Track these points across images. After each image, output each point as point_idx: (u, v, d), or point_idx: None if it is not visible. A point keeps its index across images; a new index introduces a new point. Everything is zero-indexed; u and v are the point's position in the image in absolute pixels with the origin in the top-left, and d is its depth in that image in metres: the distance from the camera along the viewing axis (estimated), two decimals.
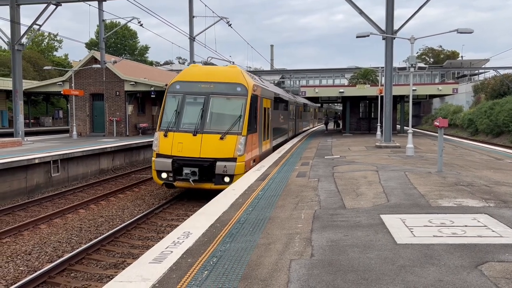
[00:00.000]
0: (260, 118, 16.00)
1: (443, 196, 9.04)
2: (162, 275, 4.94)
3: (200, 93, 14.26)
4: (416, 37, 18.49)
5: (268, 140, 18.33)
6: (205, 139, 13.52)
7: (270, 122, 18.69)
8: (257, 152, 15.67)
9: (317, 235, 6.41)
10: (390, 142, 21.37)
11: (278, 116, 22.06)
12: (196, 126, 13.74)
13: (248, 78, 15.09)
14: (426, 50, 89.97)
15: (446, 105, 58.38)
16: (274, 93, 20.28)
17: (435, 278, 4.74)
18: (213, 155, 13.37)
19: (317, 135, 34.10)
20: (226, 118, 14.11)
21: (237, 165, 13.35)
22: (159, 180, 13.95)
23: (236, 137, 13.57)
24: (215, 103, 14.17)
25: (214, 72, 14.94)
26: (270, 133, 19.06)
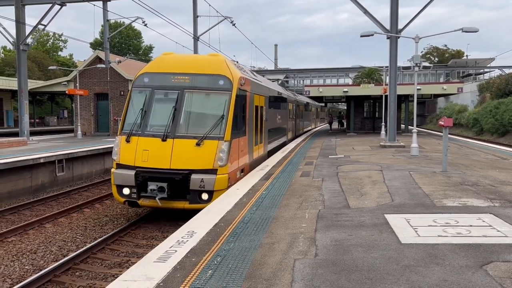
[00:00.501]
0: (251, 118, 13.45)
1: (448, 196, 9.01)
2: (167, 274, 4.95)
3: (172, 87, 11.56)
4: (420, 36, 18.42)
5: (261, 145, 15.71)
6: (178, 145, 10.87)
7: (264, 123, 16.14)
8: (246, 160, 13.00)
9: (321, 234, 6.41)
10: (394, 141, 21.31)
11: (274, 116, 19.36)
12: (167, 129, 11.03)
13: (234, 69, 12.36)
14: (431, 49, 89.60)
15: (451, 105, 58.13)
16: (269, 89, 17.68)
17: (440, 278, 4.72)
18: (187, 165, 10.67)
19: (321, 135, 34.06)
20: (204, 118, 11.40)
21: (218, 179, 10.66)
22: (120, 198, 11.22)
23: (216, 142, 10.86)
24: (191, 99, 11.48)
25: (191, 62, 12.27)
26: (264, 136, 16.43)
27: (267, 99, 16.85)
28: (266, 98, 16.60)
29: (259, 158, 15.42)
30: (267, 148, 17.22)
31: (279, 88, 23.17)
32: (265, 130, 16.46)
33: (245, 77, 12.81)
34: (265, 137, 16.59)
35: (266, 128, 16.83)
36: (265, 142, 16.70)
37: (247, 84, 12.89)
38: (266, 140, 16.86)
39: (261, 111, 15.39)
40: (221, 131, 11.08)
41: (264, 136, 16.32)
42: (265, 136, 16.66)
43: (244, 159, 12.81)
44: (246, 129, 12.77)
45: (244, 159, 12.72)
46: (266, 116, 16.74)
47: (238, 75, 12.08)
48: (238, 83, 11.78)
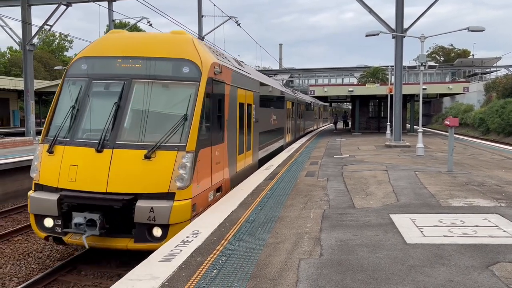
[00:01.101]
0: (232, 119, 10.43)
1: (454, 196, 8.97)
2: (172, 273, 4.97)
3: (116, 77, 8.41)
4: (426, 36, 18.34)
5: (249, 152, 12.63)
6: (118, 158, 7.67)
7: (253, 125, 13.11)
8: (224, 175, 9.87)
9: (326, 234, 6.40)
10: (400, 141, 21.24)
11: (268, 117, 16.35)
12: (104, 134, 7.89)
13: (206, 52, 9.03)
14: (437, 48, 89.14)
15: (456, 104, 57.81)
16: (260, 83, 14.50)
17: (446, 278, 4.70)
18: (132, 188, 7.50)
19: (326, 135, 34.00)
20: (159, 120, 8.18)
21: (176, 207, 7.43)
22: (40, 232, 8.10)
23: (175, 154, 7.64)
24: (141, 93, 8.29)
25: (146, 42, 8.97)
26: (254, 142, 13.30)
27: (257, 95, 13.81)
28: (256, 95, 13.55)
29: (246, 169, 12.23)
30: (257, 156, 14.09)
31: (274, 84, 19.72)
32: (254, 134, 13.31)
33: (223, 64, 9.65)
34: (254, 143, 13.39)
35: (256, 131, 13.70)
36: (255, 149, 13.56)
37: (226, 74, 9.85)
38: (256, 146, 13.68)
39: (248, 110, 12.38)
40: (183, 138, 7.80)
41: (253, 141, 13.14)
42: (255, 141, 13.51)
43: (221, 173, 9.62)
44: (224, 134, 9.69)
45: (220, 174, 9.55)
46: (257, 116, 13.69)
47: (211, 60, 8.82)
48: (211, 71, 8.64)
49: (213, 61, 8.97)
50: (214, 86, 8.91)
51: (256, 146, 13.82)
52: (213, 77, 8.83)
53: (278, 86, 20.90)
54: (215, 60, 9.19)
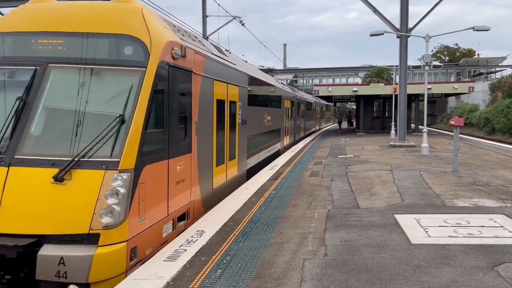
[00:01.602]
0: (206, 120, 8.14)
1: (459, 196, 8.93)
2: (176, 273, 4.98)
3: (26, 61, 6.05)
4: (431, 35, 18.29)
5: (232, 162, 10.28)
6: (16, 181, 5.36)
7: (239, 128, 10.84)
8: (193, 196, 7.48)
9: (331, 234, 6.39)
10: (404, 141, 21.17)
11: (260, 117, 14.11)
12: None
13: (161, 28, 6.55)
14: (442, 48, 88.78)
15: (461, 104, 57.54)
16: (248, 76, 11.97)
17: (451, 278, 4.69)
18: (33, 227, 5.17)
19: (330, 135, 33.96)
20: (82, 123, 5.70)
21: (100, 256, 5.08)
22: None
23: (101, 174, 5.32)
24: (59, 84, 5.99)
25: (75, 13, 6.34)
26: (240, 147, 11.04)
27: (245, 92, 11.51)
28: (244, 91, 11.29)
29: (229, 184, 9.91)
30: (245, 166, 11.70)
31: (269, 79, 17.14)
32: (241, 139, 10.99)
33: (189, 47, 7.17)
34: (241, 149, 11.05)
35: (244, 135, 11.38)
36: (241, 157, 11.16)
37: (196, 60, 7.43)
38: (243, 153, 11.35)
39: (232, 109, 10.06)
40: (115, 150, 5.43)
41: (239, 147, 10.81)
42: (242, 148, 11.17)
43: (187, 194, 7.16)
44: (192, 141, 7.29)
45: (185, 196, 7.09)
46: (244, 116, 11.42)
47: (166, 38, 6.37)
48: (166, 54, 6.25)
49: (170, 40, 6.34)
50: (172, 74, 6.37)
51: (244, 153, 11.43)
52: (171, 63, 6.30)
53: (274, 82, 18.39)
54: (174, 38, 6.56)
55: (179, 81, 6.76)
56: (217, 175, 8.93)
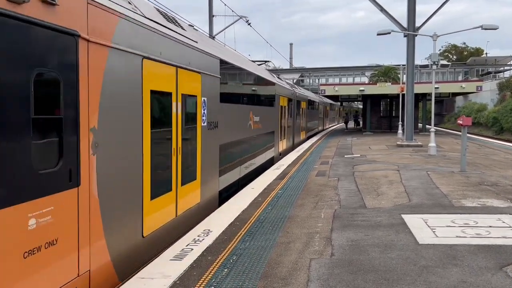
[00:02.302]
0: (118, 125, 5.14)
1: (467, 196, 8.87)
2: (183, 272, 4.99)
3: None
4: (438, 34, 18.18)
5: (191, 185, 7.50)
6: None
7: (203, 134, 8.01)
8: (83, 264, 4.37)
9: (337, 234, 6.38)
10: (411, 141, 21.07)
11: (242, 118, 11.23)
12: None
13: None
14: (449, 47, 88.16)
15: (469, 103, 57.12)
16: (222, 62, 9.18)
17: (458, 279, 4.66)
18: None
19: (337, 134, 33.87)
20: None
21: None
22: None
23: None
24: None
25: None
26: (205, 162, 8.12)
27: (215, 82, 8.64)
28: (212, 81, 8.38)
29: (182, 220, 7.05)
30: (215, 186, 8.83)
31: (257, 70, 13.95)
32: (205, 150, 8.03)
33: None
34: (205, 165, 8.10)
35: (212, 145, 8.54)
36: (208, 176, 8.29)
37: (91, 17, 4.50)
38: (211, 169, 8.47)
39: (187, 107, 7.23)
40: None
41: (202, 162, 7.95)
42: (208, 163, 8.24)
43: (67, 265, 4.19)
44: (81, 164, 4.41)
45: (63, 269, 4.12)
46: (214, 117, 8.57)
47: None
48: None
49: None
50: (11, 35, 3.48)
51: (212, 169, 8.55)
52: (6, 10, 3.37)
53: (266, 75, 15.32)
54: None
55: (35, 50, 3.76)
56: (153, 213, 5.90)
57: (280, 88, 17.19)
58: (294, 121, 21.68)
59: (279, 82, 18.01)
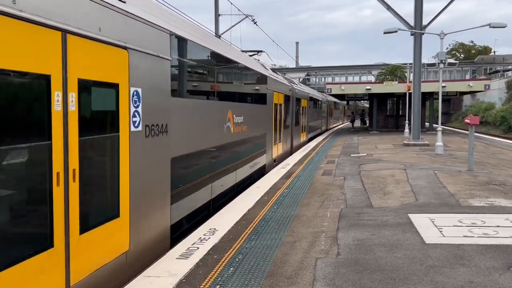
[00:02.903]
0: None
1: (474, 196, 8.81)
2: (189, 270, 5.01)
3: None
4: (446, 33, 18.06)
5: (109, 226, 4.87)
6: None
7: (134, 146, 5.37)
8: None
9: (343, 233, 6.36)
10: (418, 140, 20.96)
11: (216, 119, 8.80)
12: None
13: None
14: (457, 45, 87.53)
15: (477, 102, 56.69)
16: (171, 35, 6.39)
17: (465, 279, 4.63)
18: None
19: (343, 133, 33.77)
20: None
21: None
22: None
23: None
24: None
25: None
26: (138, 189, 5.45)
27: (161, 66, 6.16)
28: (152, 64, 5.90)
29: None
30: (162, 220, 6.26)
31: (241, 58, 11.49)
32: (137, 169, 5.48)
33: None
34: (141, 193, 5.58)
35: (156, 159, 6.05)
36: (147, 207, 5.78)
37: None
38: (154, 197, 6.02)
39: (94, 103, 4.75)
40: None
41: (133, 189, 5.37)
42: (146, 188, 5.75)
43: None
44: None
45: None
46: (160, 118, 6.15)
47: None
48: None
49: None
50: None
51: (156, 195, 6.02)
52: None
53: (254, 65, 12.81)
54: None
55: None
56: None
57: (273, 83, 14.63)
58: (293, 122, 19.27)
59: (273, 75, 15.52)
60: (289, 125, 18.24)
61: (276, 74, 17.40)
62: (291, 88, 18.84)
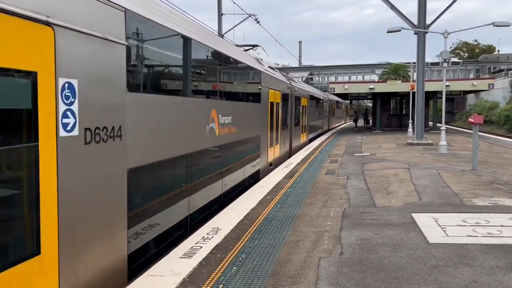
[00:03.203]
0: None
1: (478, 195, 8.77)
2: (192, 269, 5.01)
3: None
4: (449, 31, 18.00)
5: None
6: None
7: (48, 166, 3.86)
8: None
9: (347, 233, 6.35)
10: (422, 139, 20.90)
11: (190, 119, 7.30)
12: None
13: None
14: (460, 44, 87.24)
15: (481, 101, 56.48)
16: (129, 12, 5.08)
17: (469, 279, 4.61)
18: None
19: (346, 133, 33.71)
20: None
21: None
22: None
23: None
24: None
25: None
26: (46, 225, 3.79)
27: (104, 48, 4.65)
28: (84, 45, 4.32)
29: None
30: (122, 250, 4.99)
31: (227, 49, 10.10)
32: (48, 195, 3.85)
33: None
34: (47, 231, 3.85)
35: (85, 182, 4.38)
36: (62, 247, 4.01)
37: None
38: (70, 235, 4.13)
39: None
40: None
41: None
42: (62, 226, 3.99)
43: None
44: None
45: None
46: (96, 119, 4.53)
47: None
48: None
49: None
50: None
51: (103, 219, 4.70)
52: None
53: (245, 58, 11.54)
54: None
55: None
56: None
57: (269, 80, 13.20)
58: (292, 122, 17.96)
59: (270, 72, 14.14)
60: (287, 125, 16.98)
61: (274, 70, 16.09)
62: (290, 86, 17.44)
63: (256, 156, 11.84)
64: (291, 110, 17.75)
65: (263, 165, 12.82)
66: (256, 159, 11.81)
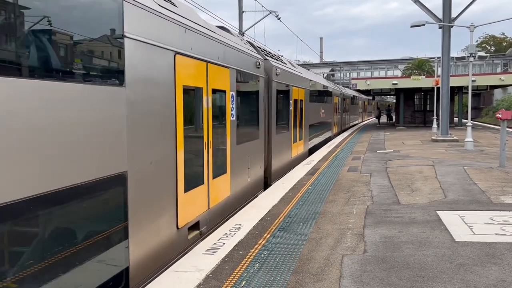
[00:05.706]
0: None
1: (506, 192, 8.54)
2: (215, 266, 5.06)
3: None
4: (476, 25, 17.53)
5: None
6: None
7: None
8: None
9: (370, 231, 6.29)
10: (447, 135, 20.47)
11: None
12: None
13: None
14: (487, 38, 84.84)
15: (509, 96, 54.87)
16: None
17: (498, 278, 4.50)
18: None
19: (369, 129, 33.31)
20: None
21: None
22: None
23: None
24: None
25: None
26: None
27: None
28: None
29: None
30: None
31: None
32: None
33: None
34: None
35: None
36: None
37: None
38: None
39: None
40: None
41: None
42: None
43: None
44: None
45: None
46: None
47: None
48: None
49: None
50: None
51: None
52: None
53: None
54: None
55: None
56: None
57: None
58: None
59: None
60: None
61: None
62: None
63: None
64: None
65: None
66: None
